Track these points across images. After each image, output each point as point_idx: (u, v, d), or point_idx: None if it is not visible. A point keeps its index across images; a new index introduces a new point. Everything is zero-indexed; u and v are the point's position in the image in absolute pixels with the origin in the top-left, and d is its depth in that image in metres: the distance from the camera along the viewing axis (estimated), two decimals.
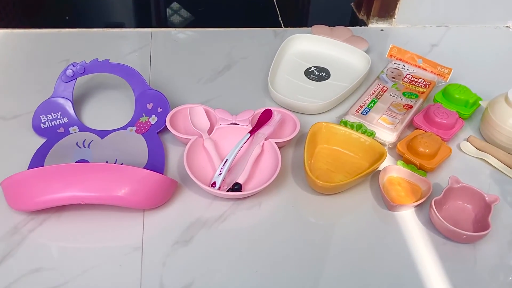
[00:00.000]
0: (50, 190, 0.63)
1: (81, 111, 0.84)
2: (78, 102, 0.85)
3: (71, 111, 0.80)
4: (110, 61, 0.81)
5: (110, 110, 0.84)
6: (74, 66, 0.80)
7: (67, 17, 1.06)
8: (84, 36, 1.01)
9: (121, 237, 0.65)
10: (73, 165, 0.67)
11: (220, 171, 0.71)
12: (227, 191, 0.70)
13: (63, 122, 0.79)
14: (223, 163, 0.72)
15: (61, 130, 0.78)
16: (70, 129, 0.78)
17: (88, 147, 0.76)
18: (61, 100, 0.80)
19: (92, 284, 0.60)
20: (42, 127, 0.78)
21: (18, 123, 0.80)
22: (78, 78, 0.81)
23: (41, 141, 0.76)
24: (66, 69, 0.80)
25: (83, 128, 0.79)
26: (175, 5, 1.15)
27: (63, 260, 0.62)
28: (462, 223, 0.69)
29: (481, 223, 0.68)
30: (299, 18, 1.16)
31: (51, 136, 0.77)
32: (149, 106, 0.81)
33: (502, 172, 0.78)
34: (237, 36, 1.05)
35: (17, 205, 0.65)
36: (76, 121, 0.79)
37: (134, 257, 0.63)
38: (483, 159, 0.80)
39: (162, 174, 0.70)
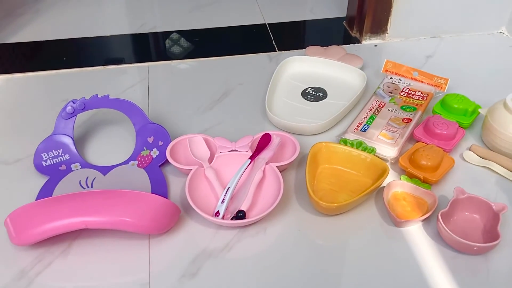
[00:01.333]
0: (55, 216, 0.64)
1: (82, 148, 0.84)
2: (79, 139, 0.85)
3: (72, 148, 0.80)
4: (109, 97, 0.82)
5: (111, 145, 0.85)
6: (74, 102, 0.81)
7: (64, 58, 1.08)
8: (81, 75, 1.03)
9: (127, 273, 0.65)
10: (77, 193, 0.68)
11: (223, 199, 0.71)
12: (231, 219, 0.69)
13: (64, 159, 0.79)
14: (225, 191, 0.72)
15: (63, 167, 0.78)
16: (72, 166, 0.79)
17: (92, 186, 0.76)
18: (62, 137, 0.81)
19: None
20: (44, 165, 0.78)
21: (20, 166, 0.80)
22: (78, 115, 0.82)
23: (44, 181, 0.76)
24: (66, 106, 0.81)
25: (85, 164, 0.79)
26: (171, 38, 1.17)
27: None
28: (471, 235, 0.68)
29: (491, 233, 0.67)
30: (293, 41, 1.17)
31: (53, 173, 0.77)
32: (150, 139, 0.81)
33: (508, 179, 0.77)
34: (233, 63, 1.06)
35: (22, 238, 0.65)
36: (77, 158, 0.80)
37: None
38: (488, 167, 0.79)
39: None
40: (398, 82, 0.94)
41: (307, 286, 0.63)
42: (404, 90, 0.92)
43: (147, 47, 1.15)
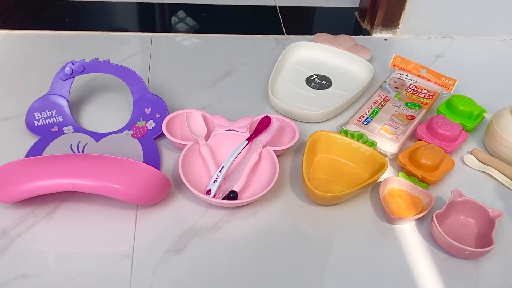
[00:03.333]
0: (41, 175, 0.62)
1: (77, 112, 0.82)
2: (74, 103, 0.83)
3: (67, 110, 0.78)
4: (110, 62, 0.79)
5: (107, 112, 0.83)
6: (73, 64, 0.79)
7: (67, 20, 1.05)
8: (83, 38, 1.00)
9: (111, 243, 0.64)
10: (67, 154, 0.66)
11: (216, 178, 0.69)
12: (223, 199, 0.68)
13: (57, 121, 0.77)
14: (219, 170, 0.70)
15: (55, 129, 0.76)
16: (65, 128, 0.77)
17: (83, 151, 0.74)
18: (57, 98, 0.78)
19: None
20: (36, 125, 0.76)
21: (11, 124, 0.78)
22: (76, 79, 0.80)
23: (34, 141, 0.74)
24: (64, 66, 0.78)
25: (78, 129, 0.77)
26: (177, 10, 1.14)
27: (50, 267, 0.60)
28: (464, 238, 0.66)
29: (485, 239, 0.65)
30: (302, 26, 1.14)
31: (45, 134, 0.75)
32: (147, 110, 0.79)
33: (506, 187, 0.76)
34: (239, 42, 1.04)
35: (6, 194, 0.63)
36: (71, 121, 0.77)
37: (123, 265, 0.61)
38: (487, 173, 0.78)
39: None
40: (405, 78, 0.92)
41: (291, 273, 0.62)
42: (410, 86, 0.90)
43: (153, 17, 1.13)
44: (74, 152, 0.74)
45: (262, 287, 0.60)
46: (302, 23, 1.17)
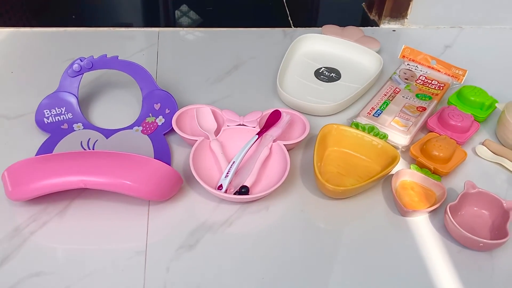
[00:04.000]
0: (53, 173, 0.62)
1: (86, 108, 0.82)
2: (83, 99, 0.83)
3: (76, 107, 0.78)
4: (118, 58, 0.79)
5: (116, 108, 0.83)
6: (81, 60, 0.78)
7: (73, 16, 1.05)
8: (90, 35, 1.00)
9: (124, 240, 0.64)
10: (78, 152, 0.67)
11: (227, 173, 0.69)
12: (234, 194, 0.67)
13: (67, 118, 0.77)
14: (230, 165, 0.70)
15: (65, 126, 0.76)
16: (74, 125, 0.76)
17: (93, 148, 0.74)
18: (66, 95, 0.78)
19: None
20: (46, 122, 0.76)
21: (21, 122, 0.78)
22: (84, 75, 0.79)
23: (44, 138, 0.74)
24: (73, 63, 0.78)
25: (87, 125, 0.77)
26: (183, 5, 1.13)
27: (64, 264, 0.60)
28: (478, 230, 0.66)
29: (499, 231, 0.65)
30: (309, 18, 1.13)
31: (55, 132, 0.75)
32: (157, 106, 0.79)
33: None
34: (246, 36, 1.03)
35: (18, 192, 0.63)
36: (81, 118, 0.77)
37: (137, 261, 0.61)
38: (500, 164, 0.77)
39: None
40: (415, 69, 0.91)
41: (303, 267, 0.62)
42: (420, 78, 0.89)
43: (158, 12, 1.12)
44: (85, 149, 0.73)
45: (275, 281, 0.60)
46: (309, 15, 1.16)
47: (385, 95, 0.84)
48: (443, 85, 0.88)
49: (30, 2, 1.09)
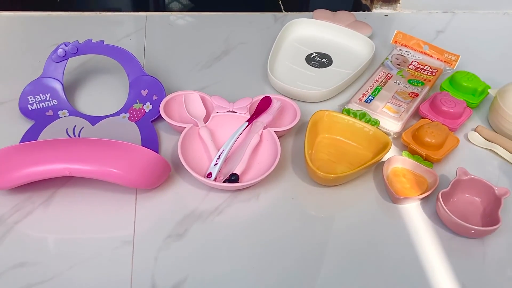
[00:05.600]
0: (37, 160, 0.61)
1: (72, 95, 0.80)
2: (68, 86, 0.81)
3: (61, 93, 0.76)
4: (104, 43, 0.77)
5: (102, 95, 0.81)
6: (66, 45, 0.76)
7: (58, 0, 1.02)
8: (75, 19, 0.97)
9: (111, 229, 0.62)
10: (63, 139, 0.65)
11: (216, 161, 0.67)
12: (224, 182, 0.66)
13: (52, 104, 0.75)
14: (219, 152, 0.68)
15: (50, 113, 0.74)
16: (60, 112, 0.74)
17: (79, 135, 0.72)
18: (51, 81, 0.76)
19: (79, 280, 0.57)
20: (30, 109, 0.74)
21: (5, 109, 0.76)
22: (69, 61, 0.77)
23: (29, 126, 0.72)
24: (57, 48, 0.76)
25: (73, 112, 0.75)
26: None
27: (49, 254, 0.59)
28: (470, 217, 0.65)
29: (490, 217, 0.64)
30: (300, 3, 1.11)
31: (39, 118, 0.73)
32: (144, 92, 0.77)
33: (511, 164, 0.75)
34: (235, 20, 1.01)
35: (1, 181, 0.61)
36: (66, 105, 0.75)
37: (124, 251, 0.60)
38: (492, 150, 0.76)
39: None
40: (407, 54, 0.90)
41: (294, 256, 0.61)
42: (412, 63, 0.88)
43: None
44: (70, 137, 0.72)
45: (265, 270, 0.59)
46: None
47: (377, 81, 0.83)
48: (436, 70, 0.87)
49: None
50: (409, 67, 0.87)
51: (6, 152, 0.63)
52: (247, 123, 0.72)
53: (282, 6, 1.06)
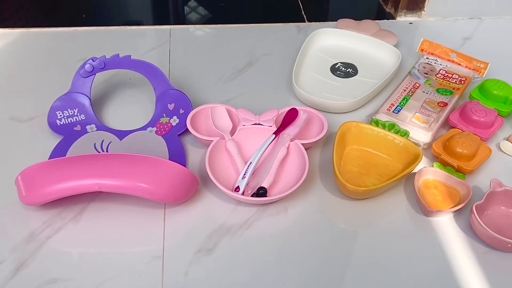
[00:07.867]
0: (67, 176, 0.61)
1: (99, 109, 0.81)
2: (96, 100, 0.82)
3: (89, 108, 0.76)
4: (131, 58, 0.78)
5: (129, 109, 0.81)
6: (93, 60, 0.77)
7: (83, 15, 1.04)
8: (101, 34, 0.99)
9: (141, 244, 0.62)
10: (92, 154, 0.65)
11: (244, 174, 0.67)
12: (252, 196, 0.66)
13: (80, 119, 0.76)
14: (247, 166, 0.68)
15: (78, 128, 0.75)
16: (88, 127, 0.75)
17: (107, 150, 0.73)
18: (79, 96, 0.77)
19: None
20: (58, 124, 0.75)
21: (34, 124, 0.77)
22: (96, 76, 0.78)
23: (57, 141, 0.73)
24: (85, 63, 0.77)
25: (101, 127, 0.76)
26: (194, 1, 1.11)
27: (81, 270, 0.59)
28: (506, 230, 0.63)
29: None
30: (323, 12, 1.11)
31: (67, 134, 0.74)
32: (171, 106, 0.77)
33: None
34: (259, 32, 1.01)
35: (32, 197, 0.62)
36: (94, 119, 0.76)
37: (154, 266, 0.60)
38: None
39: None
40: (435, 63, 0.88)
41: (324, 270, 0.60)
42: (440, 72, 0.86)
43: (168, 8, 1.10)
44: (98, 151, 0.72)
45: (296, 285, 0.59)
46: (323, 9, 1.13)
47: (405, 90, 0.82)
48: (464, 79, 0.85)
49: (39, 2, 1.08)
50: (436, 75, 0.86)
51: (37, 168, 0.63)
52: (274, 135, 0.72)
53: (305, 16, 1.06)
